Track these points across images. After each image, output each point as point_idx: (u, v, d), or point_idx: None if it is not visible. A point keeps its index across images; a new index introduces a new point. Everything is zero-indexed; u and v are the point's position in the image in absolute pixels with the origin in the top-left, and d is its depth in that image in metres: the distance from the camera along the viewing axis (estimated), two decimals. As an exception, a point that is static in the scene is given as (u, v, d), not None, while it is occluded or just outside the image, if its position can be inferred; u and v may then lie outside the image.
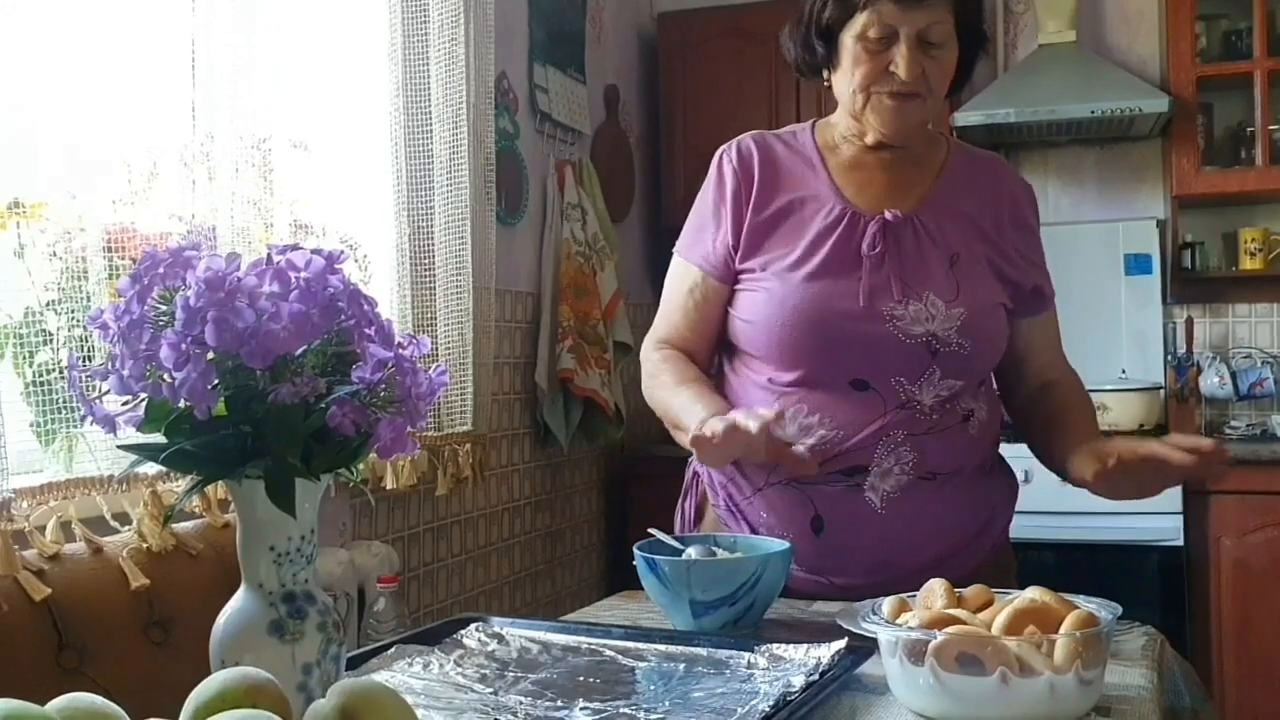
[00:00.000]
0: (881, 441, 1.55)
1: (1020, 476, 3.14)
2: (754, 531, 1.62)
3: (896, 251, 1.57)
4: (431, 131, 2.71)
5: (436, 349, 2.71)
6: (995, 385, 1.72)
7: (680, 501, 1.79)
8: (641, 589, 1.68)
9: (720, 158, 1.69)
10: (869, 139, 1.64)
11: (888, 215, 1.58)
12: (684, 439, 1.53)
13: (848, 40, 1.57)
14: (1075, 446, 1.59)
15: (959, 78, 1.64)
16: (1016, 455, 1.82)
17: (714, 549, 1.69)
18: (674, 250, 1.73)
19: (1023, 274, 1.67)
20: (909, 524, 1.57)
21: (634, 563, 1.66)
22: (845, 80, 1.59)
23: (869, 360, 1.55)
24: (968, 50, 1.61)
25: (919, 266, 1.58)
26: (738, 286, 1.63)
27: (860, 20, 1.55)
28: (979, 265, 1.62)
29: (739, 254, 1.62)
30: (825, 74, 1.65)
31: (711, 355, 1.72)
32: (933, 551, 1.61)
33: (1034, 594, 1.25)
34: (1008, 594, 1.32)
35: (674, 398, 1.61)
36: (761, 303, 1.58)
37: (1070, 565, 3.14)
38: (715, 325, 1.67)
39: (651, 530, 1.69)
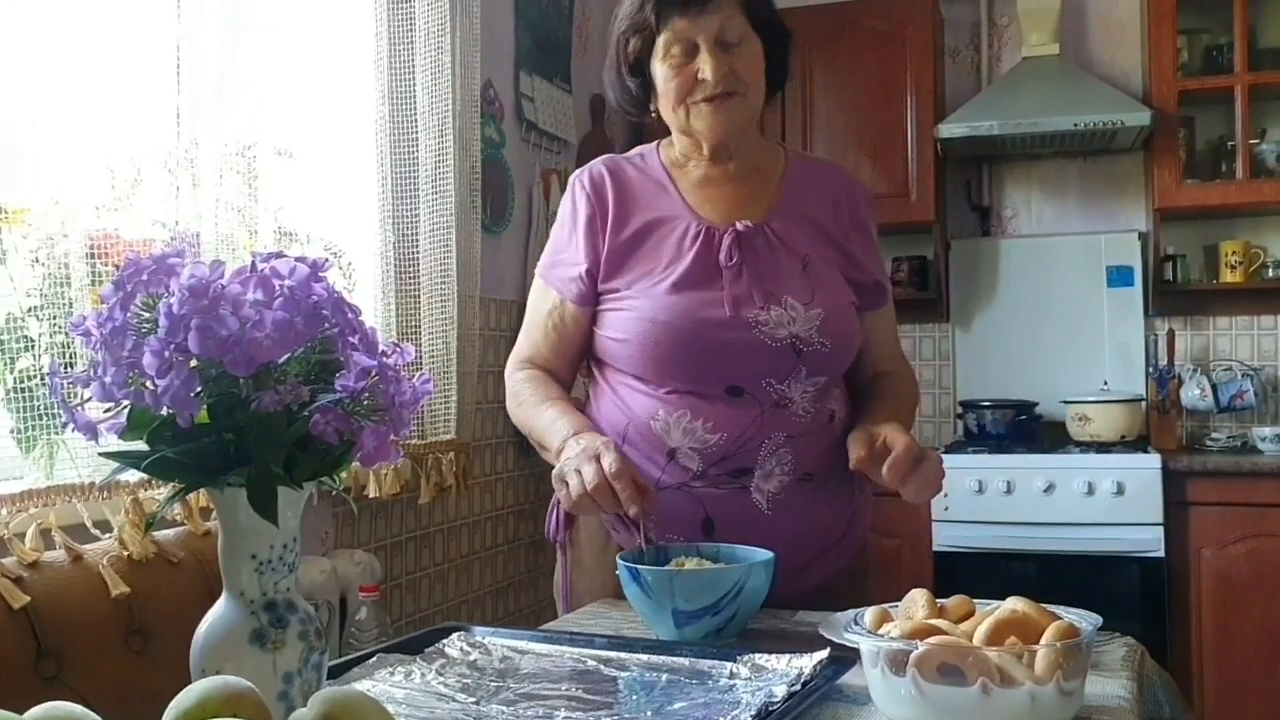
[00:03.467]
0: (764, 444, 1.62)
1: (1003, 488, 3.18)
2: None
3: (753, 260, 1.64)
4: (417, 139, 2.71)
5: (420, 357, 2.71)
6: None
7: (551, 511, 1.77)
8: (624, 598, 1.68)
9: (574, 185, 1.71)
10: (705, 150, 1.70)
11: (739, 226, 1.65)
12: (549, 456, 1.60)
13: (656, 66, 1.65)
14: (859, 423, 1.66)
15: (777, 72, 1.71)
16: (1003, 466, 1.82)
17: (698, 558, 1.69)
18: (536, 271, 1.75)
19: (864, 271, 1.76)
20: (791, 524, 1.64)
21: (616, 572, 1.66)
22: (665, 102, 1.66)
23: (741, 365, 1.61)
24: (772, 43, 1.68)
25: (775, 273, 1.65)
26: (602, 307, 1.67)
27: (660, 42, 1.62)
28: (828, 266, 1.70)
29: (600, 277, 1.66)
30: (650, 107, 1.71)
31: (573, 374, 1.77)
32: (811, 550, 1.68)
33: (1015, 605, 1.26)
34: (989, 604, 1.33)
35: (537, 417, 1.65)
36: (632, 320, 1.63)
37: (1051, 576, 3.15)
38: (576, 346, 1.72)
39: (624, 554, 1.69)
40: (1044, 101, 3.64)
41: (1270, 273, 3.71)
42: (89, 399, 0.96)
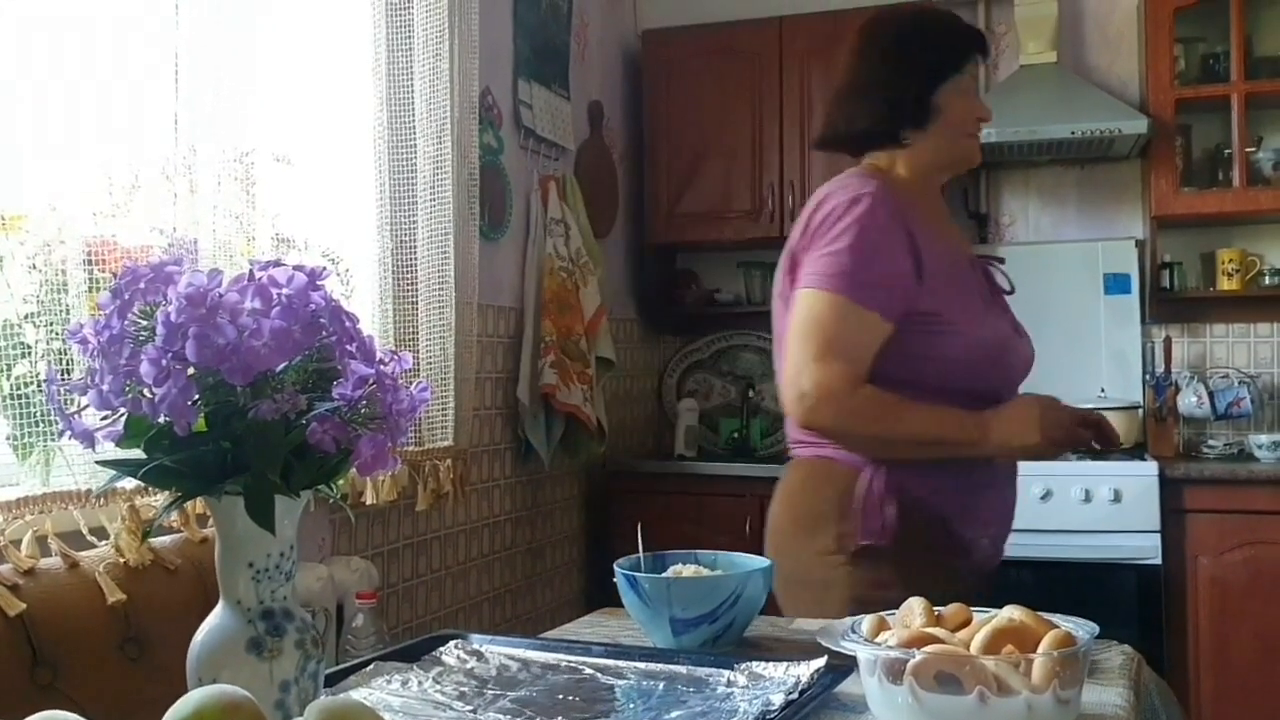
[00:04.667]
0: None
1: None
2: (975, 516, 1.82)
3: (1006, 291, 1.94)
4: (415, 146, 2.71)
5: (418, 363, 2.71)
6: None
7: (876, 511, 1.75)
8: (622, 606, 1.68)
9: (873, 209, 1.72)
10: (944, 179, 1.96)
11: (978, 253, 1.95)
12: (943, 450, 1.73)
13: (953, 99, 1.83)
14: None
15: None
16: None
17: (695, 565, 1.69)
18: (827, 289, 1.71)
19: None
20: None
21: (615, 579, 1.65)
22: (953, 131, 1.84)
23: (1019, 378, 1.87)
24: None
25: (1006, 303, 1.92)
26: (919, 327, 1.73)
27: (963, 79, 1.84)
28: None
29: (915, 301, 1.73)
30: (903, 134, 1.83)
31: None
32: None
33: (1012, 613, 1.26)
34: (986, 613, 1.33)
35: (929, 416, 1.71)
36: (958, 341, 1.75)
37: (1048, 583, 3.15)
38: (875, 361, 1.72)
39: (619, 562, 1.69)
40: (1042, 109, 3.64)
41: (1267, 280, 3.71)
42: (86, 406, 0.96)
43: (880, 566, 1.74)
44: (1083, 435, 1.75)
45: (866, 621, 1.34)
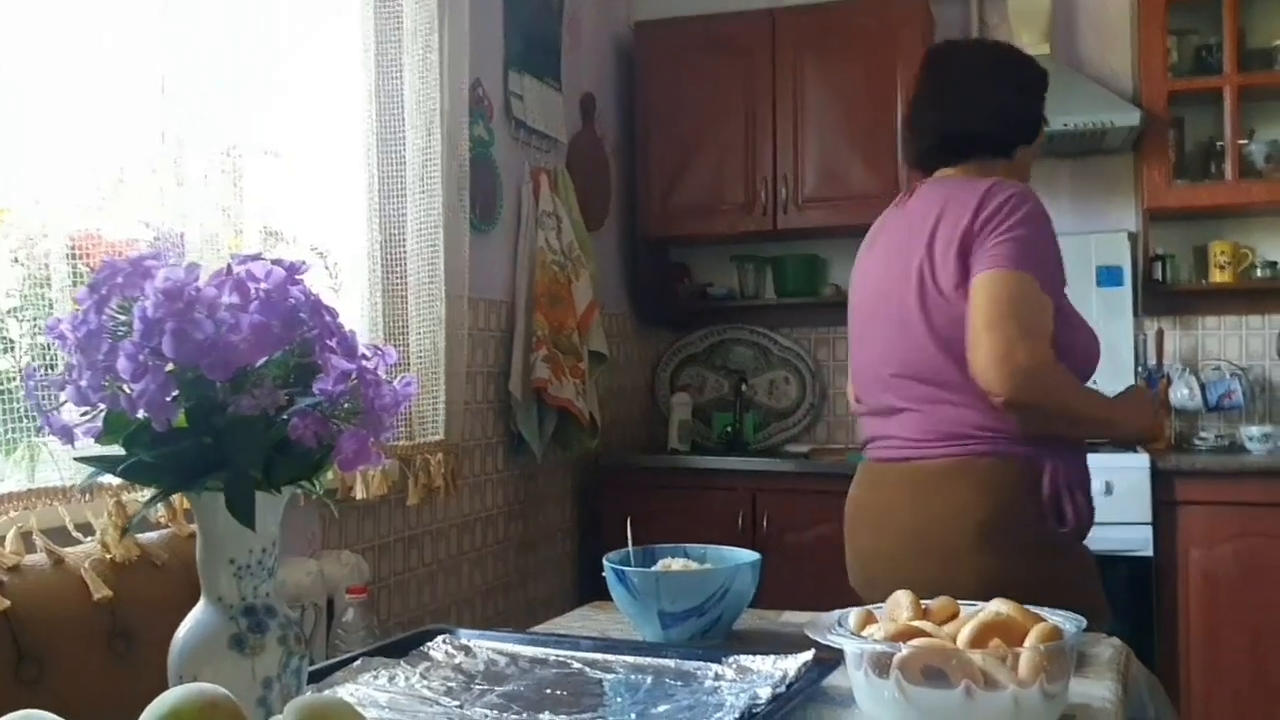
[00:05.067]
0: None
1: None
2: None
3: None
4: (405, 138, 2.70)
5: (408, 357, 2.70)
6: None
7: (1059, 500, 1.85)
8: (612, 600, 1.68)
9: (1039, 203, 1.89)
10: None
11: None
12: (1108, 430, 2.02)
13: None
14: None
15: None
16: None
17: (684, 559, 1.69)
18: (1021, 270, 1.81)
19: None
20: None
21: (604, 574, 1.65)
22: (1038, 145, 2.09)
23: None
24: None
25: None
26: (1059, 318, 1.83)
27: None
28: None
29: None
30: (1016, 148, 2.05)
31: None
32: None
33: (999, 607, 1.25)
34: (973, 606, 1.33)
35: (1098, 397, 1.92)
36: (1087, 338, 1.91)
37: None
38: None
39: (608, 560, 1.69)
40: (1034, 101, 3.63)
41: (1259, 273, 3.71)
42: (65, 402, 0.95)
43: (1074, 550, 1.87)
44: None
45: (854, 615, 1.34)
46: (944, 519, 1.82)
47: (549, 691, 1.34)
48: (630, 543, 1.72)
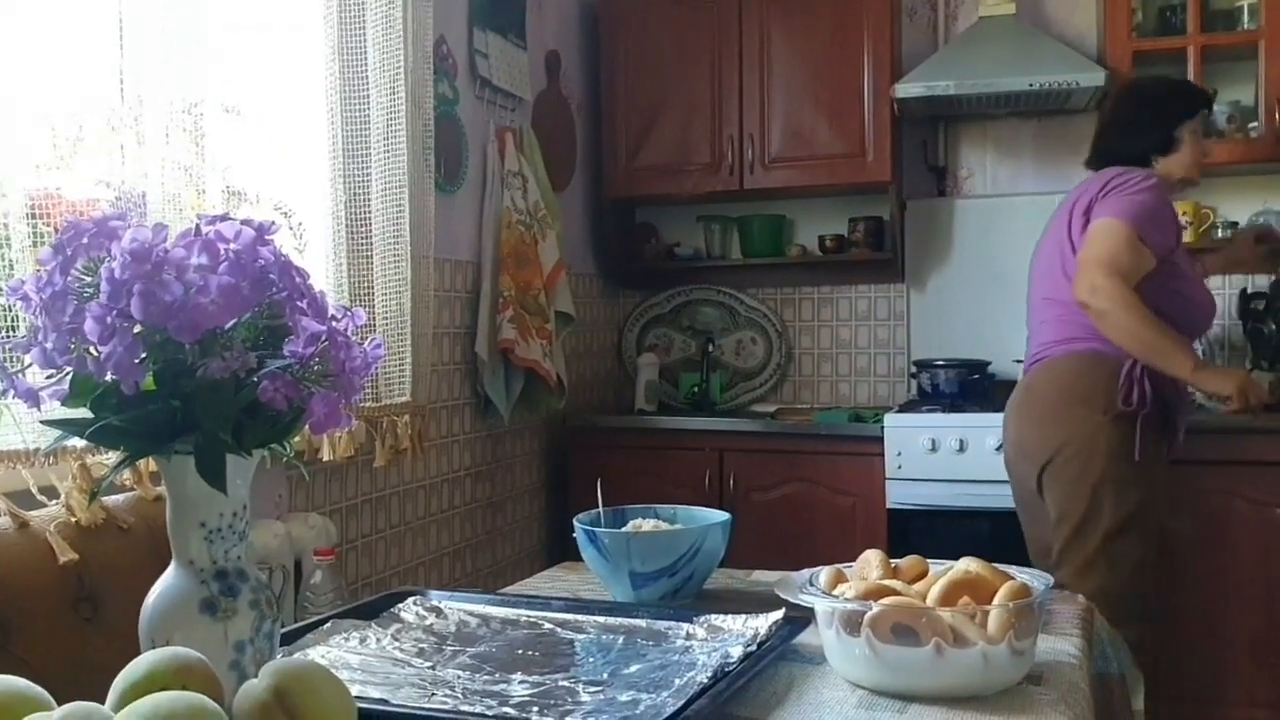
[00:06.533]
0: None
1: (956, 446, 3.37)
2: (1181, 407, 2.69)
3: None
4: (368, 96, 2.66)
5: (374, 318, 2.68)
6: None
7: (1135, 385, 2.55)
8: (582, 559, 1.68)
9: (1159, 185, 2.60)
10: (1181, 189, 2.86)
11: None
12: (1173, 368, 2.52)
13: (1185, 132, 2.74)
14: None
15: None
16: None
17: (655, 520, 1.69)
18: (1120, 220, 2.53)
19: None
20: None
21: (575, 534, 1.66)
22: (1182, 157, 2.74)
23: (1210, 325, 2.84)
24: None
25: None
26: (1173, 271, 2.58)
27: (1192, 121, 2.75)
28: None
29: (1173, 253, 2.60)
30: (1155, 156, 2.74)
31: None
32: None
33: (968, 565, 1.27)
34: (942, 565, 1.34)
35: (1168, 333, 2.51)
36: (1196, 290, 2.69)
37: (1004, 533, 3.18)
38: (1149, 289, 2.53)
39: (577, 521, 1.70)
40: (1000, 62, 3.64)
41: (1220, 233, 3.75)
42: (30, 365, 0.94)
43: (1129, 425, 2.53)
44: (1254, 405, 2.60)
45: (824, 573, 1.35)
46: (1035, 394, 2.73)
47: (521, 652, 1.35)
48: (601, 503, 1.72)
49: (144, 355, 0.89)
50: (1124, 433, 2.54)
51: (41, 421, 0.97)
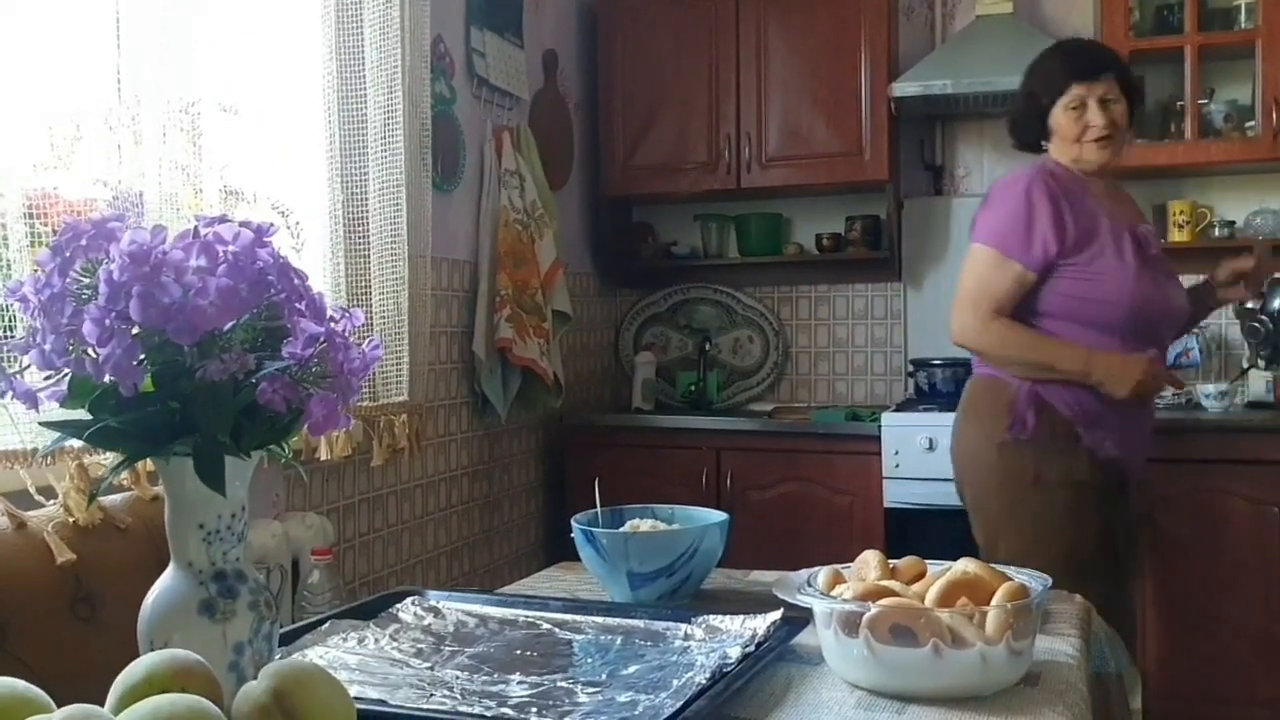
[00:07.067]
0: None
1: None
2: (1098, 425, 2.35)
3: (1155, 251, 2.44)
4: (365, 95, 2.66)
5: (371, 318, 2.68)
6: None
7: (1024, 411, 2.35)
8: (579, 559, 1.68)
9: (1027, 188, 2.35)
10: (1090, 171, 2.42)
11: (1143, 228, 2.45)
12: (1063, 374, 2.31)
13: (1059, 116, 2.42)
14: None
15: (1130, 122, 2.47)
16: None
17: (653, 520, 1.69)
18: (984, 245, 2.38)
19: None
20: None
21: (572, 534, 1.65)
22: (1064, 140, 2.43)
23: (1164, 325, 2.46)
24: (1134, 103, 2.46)
25: (1164, 260, 2.47)
26: (1070, 275, 2.33)
27: (1062, 101, 2.41)
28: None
29: (1060, 254, 2.32)
30: (1044, 143, 2.50)
31: None
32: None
33: (966, 566, 1.27)
34: (941, 565, 1.34)
35: (1045, 348, 2.34)
36: (1111, 290, 2.32)
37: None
38: (1020, 302, 2.35)
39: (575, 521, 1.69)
40: (996, 61, 3.64)
41: (1216, 232, 3.75)
42: (28, 366, 0.93)
43: (1022, 452, 2.35)
44: (1162, 387, 2.39)
45: (822, 574, 1.35)
46: (956, 412, 2.57)
47: (519, 652, 1.35)
48: (598, 503, 1.72)
49: (142, 357, 0.89)
50: (1018, 459, 2.35)
51: (40, 423, 0.97)
